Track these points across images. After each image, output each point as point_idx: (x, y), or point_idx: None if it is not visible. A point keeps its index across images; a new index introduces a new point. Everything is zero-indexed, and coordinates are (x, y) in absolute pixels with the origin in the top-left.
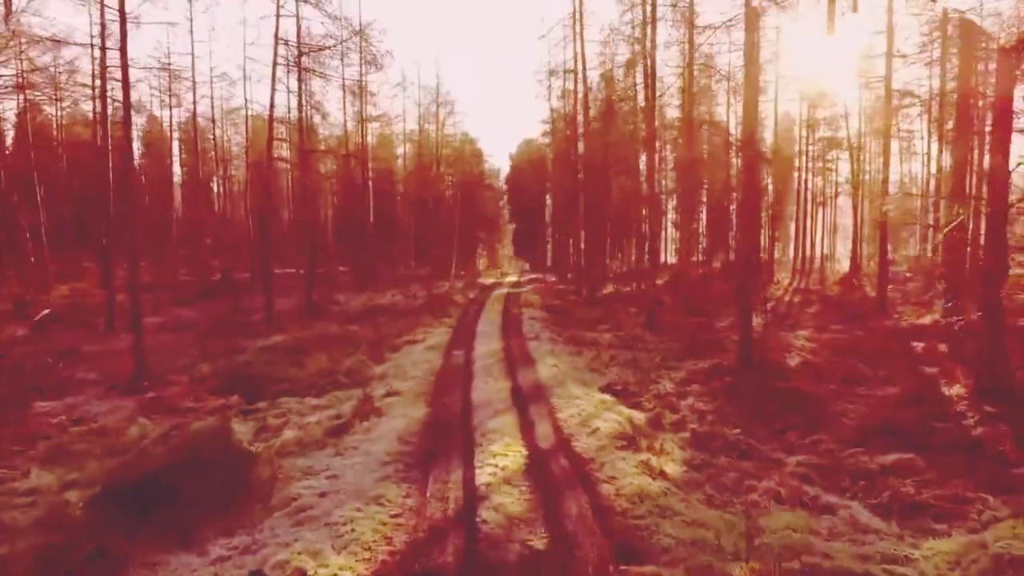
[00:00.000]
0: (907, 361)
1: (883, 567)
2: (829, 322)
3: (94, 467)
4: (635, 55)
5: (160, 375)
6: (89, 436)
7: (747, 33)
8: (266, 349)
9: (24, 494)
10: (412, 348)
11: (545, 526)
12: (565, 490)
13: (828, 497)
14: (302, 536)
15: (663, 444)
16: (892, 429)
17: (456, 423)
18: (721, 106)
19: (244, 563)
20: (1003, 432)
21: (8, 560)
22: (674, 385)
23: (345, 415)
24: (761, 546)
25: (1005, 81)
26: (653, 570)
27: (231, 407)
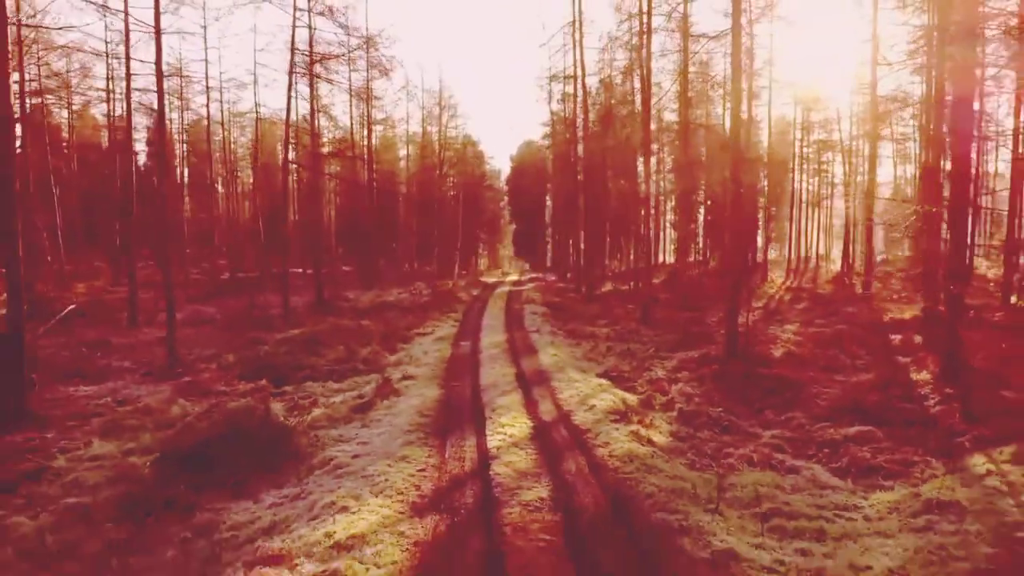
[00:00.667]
0: (884, 351)
1: (834, 512)
2: (816, 317)
3: (147, 438)
4: (632, 62)
5: (190, 363)
6: (136, 414)
7: (733, 47)
8: (286, 340)
9: (90, 459)
10: (422, 340)
11: (549, 478)
12: (565, 452)
13: (795, 462)
14: (343, 485)
15: (652, 420)
16: (859, 408)
17: (467, 401)
18: (718, 108)
19: (296, 507)
20: (954, 408)
21: (92, 507)
22: (665, 372)
23: (367, 395)
24: (731, 496)
25: (962, 83)
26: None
27: (261, 390)
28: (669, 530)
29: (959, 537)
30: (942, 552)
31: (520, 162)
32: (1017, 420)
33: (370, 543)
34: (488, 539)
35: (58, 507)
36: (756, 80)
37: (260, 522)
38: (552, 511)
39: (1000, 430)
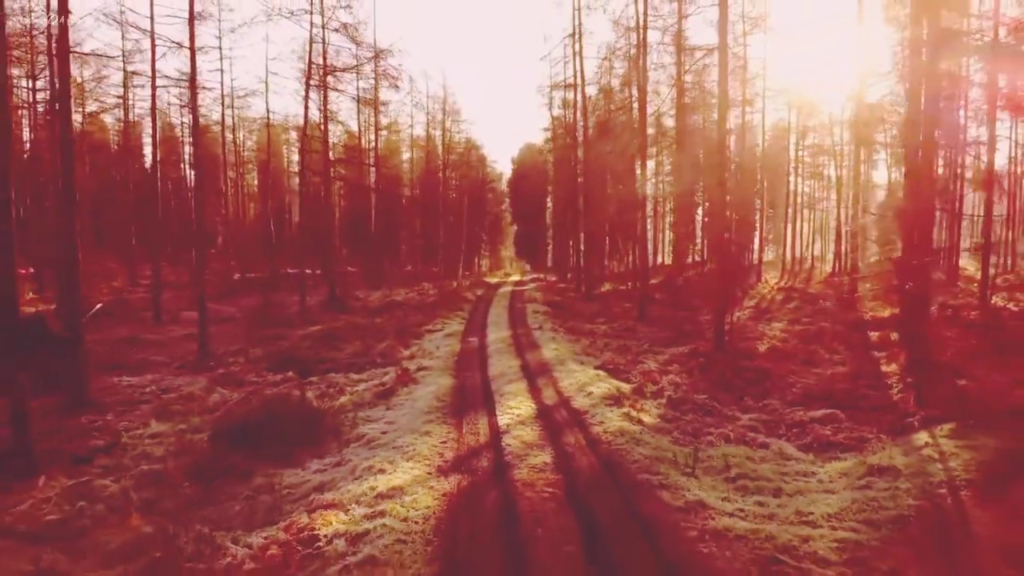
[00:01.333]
0: (861, 347)
1: (792, 477)
2: (803, 316)
3: (196, 420)
4: (629, 72)
5: (220, 357)
6: (180, 400)
7: (720, 65)
8: (306, 336)
9: (150, 437)
10: (433, 336)
11: (551, 448)
12: (565, 428)
13: (766, 439)
14: (377, 454)
15: (643, 405)
16: (829, 395)
17: (478, 388)
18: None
19: (339, 471)
20: (910, 395)
21: (164, 473)
22: (657, 365)
23: (388, 383)
24: (706, 464)
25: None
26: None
27: (289, 380)
28: (651, 486)
29: (890, 492)
30: (873, 503)
31: (521, 164)
32: (962, 404)
33: (407, 493)
34: (502, 491)
35: (134, 473)
36: (751, 87)
37: (310, 482)
38: (554, 472)
39: (945, 412)
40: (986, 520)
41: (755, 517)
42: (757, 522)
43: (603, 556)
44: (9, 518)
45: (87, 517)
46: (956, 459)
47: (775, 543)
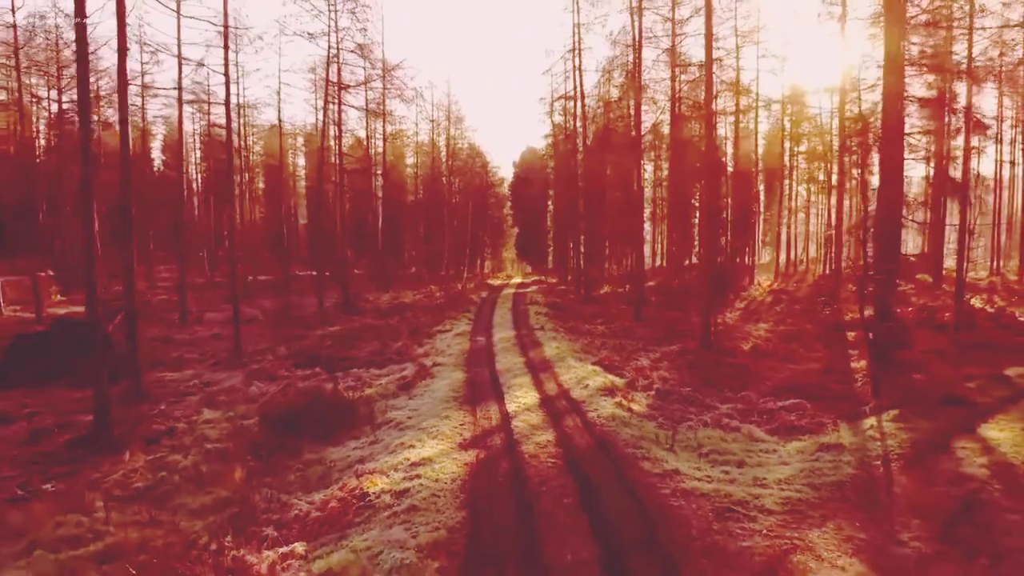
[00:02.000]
0: (838, 345)
1: (756, 453)
2: (788, 316)
3: (241, 408)
4: (626, 84)
5: (250, 355)
6: (222, 392)
7: (706, 83)
8: (325, 336)
9: (204, 422)
10: (443, 335)
11: (553, 429)
12: (565, 414)
13: (739, 424)
14: (406, 434)
15: (634, 396)
16: (799, 388)
17: (488, 381)
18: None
19: (375, 448)
20: (869, 387)
21: (225, 451)
22: (649, 361)
23: (408, 377)
24: (684, 443)
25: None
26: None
27: (317, 375)
28: (635, 458)
29: (833, 463)
30: (818, 471)
31: (523, 168)
32: (910, 394)
33: (435, 463)
34: (513, 461)
35: (200, 451)
36: (744, 98)
37: (352, 456)
38: (555, 447)
39: (895, 401)
40: (907, 484)
41: (719, 481)
42: (720, 484)
43: (594, 506)
44: (106, 485)
45: (168, 484)
46: (893, 439)
47: (731, 499)
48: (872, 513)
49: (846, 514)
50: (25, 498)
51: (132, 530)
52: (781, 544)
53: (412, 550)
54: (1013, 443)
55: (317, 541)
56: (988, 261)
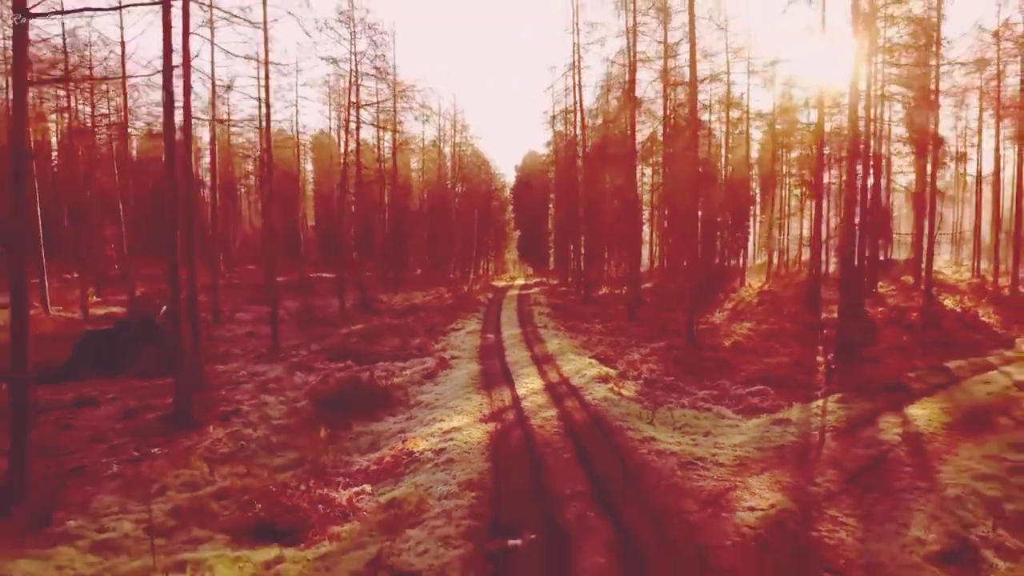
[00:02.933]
0: (811, 342)
1: (721, 427)
2: (771, 316)
3: (290, 394)
4: (621, 102)
5: (285, 349)
6: (271, 381)
7: (689, 100)
8: (350, 334)
9: (264, 404)
10: (457, 333)
11: (555, 408)
12: (565, 397)
13: (711, 406)
14: (435, 412)
15: (624, 384)
16: (768, 377)
17: (500, 371)
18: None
19: (411, 422)
20: (826, 376)
21: (289, 426)
22: (639, 356)
23: (430, 368)
24: (662, 419)
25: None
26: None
27: (349, 367)
28: (621, 428)
29: (780, 433)
30: (766, 439)
31: (524, 172)
32: (859, 382)
33: (463, 431)
34: (524, 430)
35: (267, 426)
36: (736, 110)
37: (394, 428)
38: (557, 420)
39: (844, 388)
40: (835, 448)
41: (686, 445)
42: (686, 447)
43: (587, 460)
44: (199, 450)
45: (248, 450)
46: (833, 415)
47: (694, 456)
48: (801, 467)
49: (780, 467)
50: (139, 459)
51: (234, 479)
52: (725, 484)
53: (454, 486)
54: (927, 418)
55: (379, 484)
56: (973, 263)
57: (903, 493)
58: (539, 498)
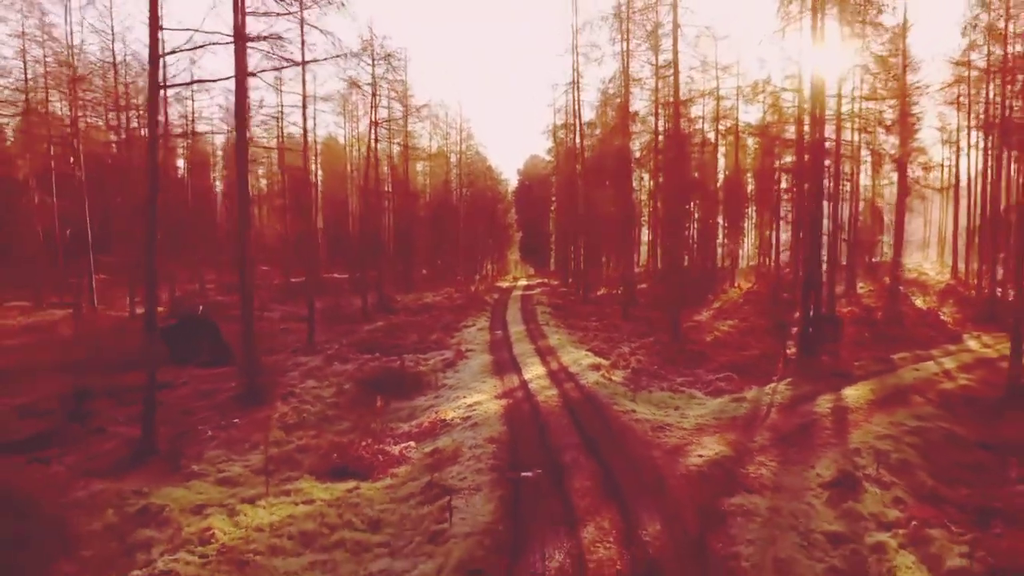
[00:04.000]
0: (780, 338)
1: (690, 404)
2: (751, 315)
3: (334, 379)
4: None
5: (319, 343)
6: (314, 370)
7: (674, 120)
8: (373, 330)
9: (313, 387)
10: (468, 329)
11: (556, 389)
12: (564, 381)
13: (685, 389)
14: (458, 391)
15: (614, 372)
16: (737, 366)
17: (509, 361)
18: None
19: (439, 400)
20: (783, 365)
21: (339, 403)
22: (630, 349)
23: (450, 358)
24: (644, 399)
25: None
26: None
27: (377, 358)
28: (609, 404)
29: (735, 407)
30: (723, 411)
31: (526, 176)
32: (810, 370)
33: (483, 404)
34: (531, 404)
35: (321, 403)
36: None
37: (426, 404)
38: (558, 398)
39: (796, 374)
40: (776, 418)
41: (659, 415)
42: (660, 417)
43: (580, 424)
44: (272, 420)
45: (309, 421)
46: (781, 395)
47: (664, 422)
48: (745, 430)
49: (730, 431)
50: (227, 426)
51: (308, 439)
52: (685, 441)
53: (480, 440)
54: (857, 397)
55: (421, 441)
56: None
57: (817, 447)
58: (543, 448)
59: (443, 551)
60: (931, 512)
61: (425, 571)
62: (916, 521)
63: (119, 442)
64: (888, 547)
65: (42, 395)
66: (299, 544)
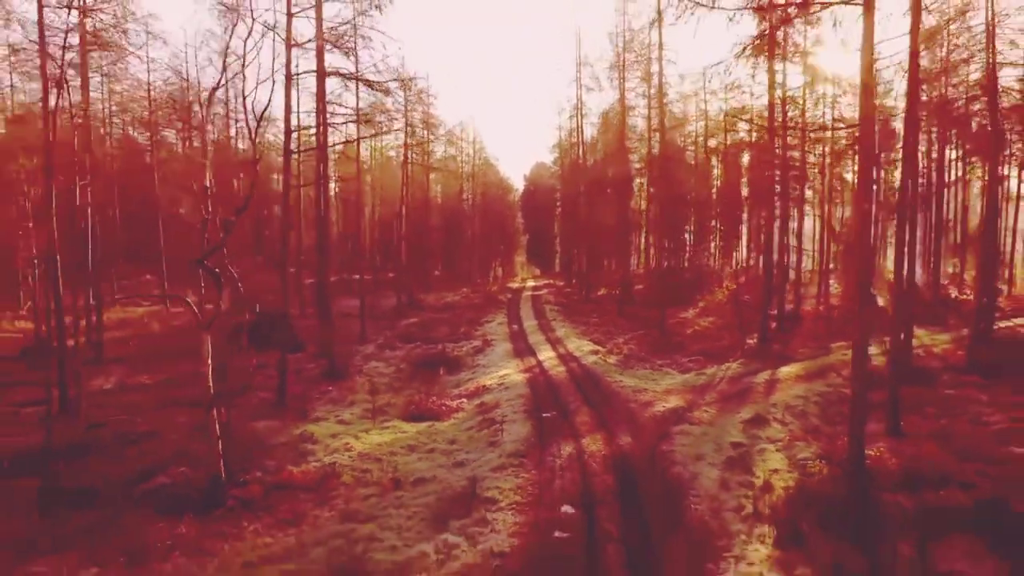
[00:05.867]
0: (743, 331)
1: (665, 377)
2: (731, 313)
3: (390, 361)
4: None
5: (369, 335)
6: (371, 355)
7: (659, 139)
8: (409, 325)
9: (375, 367)
10: (489, 324)
11: (563, 367)
12: (569, 361)
13: (664, 368)
14: (489, 369)
15: (609, 356)
16: (706, 352)
17: (525, 347)
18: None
19: (475, 375)
20: (741, 351)
21: (401, 375)
22: (623, 340)
23: (478, 346)
24: (630, 374)
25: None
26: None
27: (419, 347)
28: (603, 377)
29: (695, 379)
30: (687, 382)
31: (532, 182)
32: (761, 355)
33: (510, 376)
34: (545, 377)
35: (387, 377)
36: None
37: (467, 377)
38: (565, 373)
39: (749, 357)
40: (724, 386)
41: (640, 384)
42: (640, 384)
43: (583, 390)
44: (355, 388)
45: (382, 389)
46: (732, 371)
47: (642, 387)
48: (700, 393)
49: (688, 393)
50: (324, 392)
51: (389, 399)
52: (654, 398)
53: (513, 396)
54: (788, 373)
55: (470, 399)
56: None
57: (747, 402)
58: (555, 402)
59: (499, 450)
60: (807, 436)
61: (490, 458)
62: (792, 438)
63: (257, 400)
64: (768, 450)
65: (187, 370)
66: (407, 451)
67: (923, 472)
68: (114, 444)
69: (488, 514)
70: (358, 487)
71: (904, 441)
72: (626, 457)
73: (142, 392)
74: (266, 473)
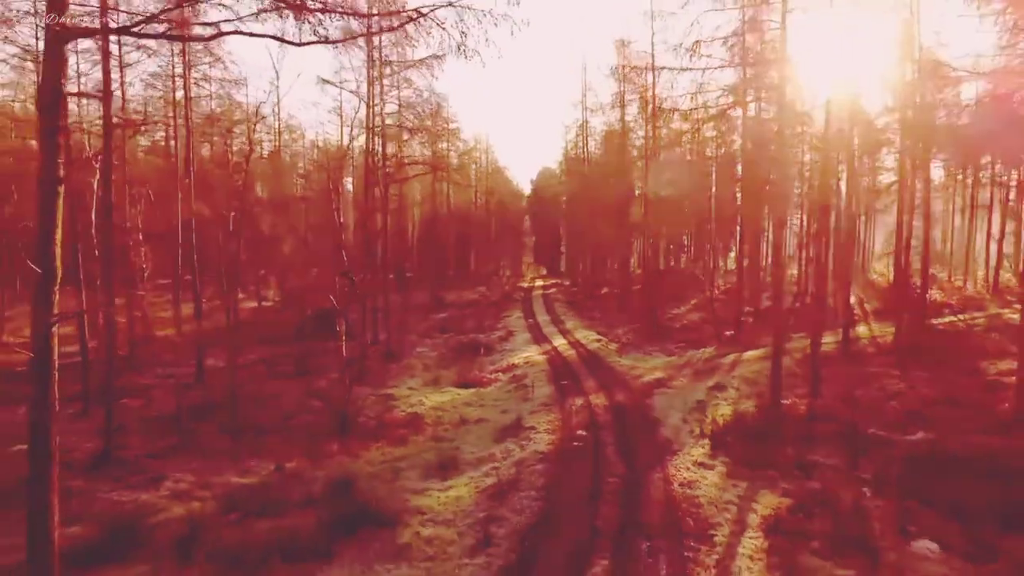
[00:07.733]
0: (719, 324)
1: (654, 359)
2: (719, 310)
3: (434, 347)
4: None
5: (407, 326)
6: (415, 342)
7: (646, 160)
8: (439, 319)
9: (422, 350)
10: (508, 319)
11: (574, 351)
12: (578, 347)
13: (656, 353)
14: (515, 352)
15: (610, 344)
16: (690, 340)
17: (542, 336)
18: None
19: (504, 356)
20: (719, 340)
21: (445, 357)
22: (622, 331)
23: (503, 335)
24: (626, 356)
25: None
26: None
27: (453, 336)
28: (605, 358)
29: (678, 361)
30: (671, 364)
31: (539, 186)
32: (733, 343)
33: (533, 356)
34: (560, 358)
35: (434, 358)
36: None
37: (497, 359)
38: (576, 355)
39: (723, 344)
40: (699, 365)
41: (634, 363)
42: (633, 364)
43: (590, 367)
44: (409, 365)
45: (431, 368)
46: (707, 355)
47: (635, 365)
48: (679, 369)
49: (670, 369)
50: (387, 369)
51: (439, 373)
52: (644, 373)
53: (536, 370)
54: (751, 356)
55: (505, 372)
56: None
57: (714, 375)
58: (569, 374)
59: (531, 403)
60: (753, 396)
61: (526, 407)
62: (740, 396)
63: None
64: (721, 404)
65: (276, 353)
66: (465, 404)
67: (818, 414)
68: (251, 401)
69: (531, 434)
70: (438, 425)
71: (819, 400)
72: (620, 406)
73: (247, 369)
74: (370, 417)
